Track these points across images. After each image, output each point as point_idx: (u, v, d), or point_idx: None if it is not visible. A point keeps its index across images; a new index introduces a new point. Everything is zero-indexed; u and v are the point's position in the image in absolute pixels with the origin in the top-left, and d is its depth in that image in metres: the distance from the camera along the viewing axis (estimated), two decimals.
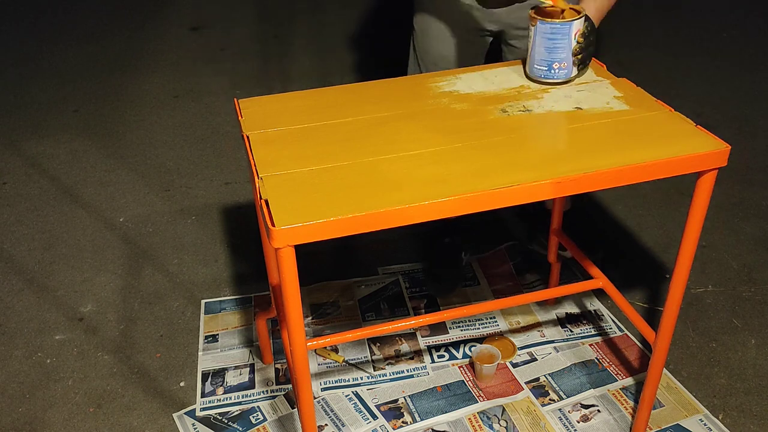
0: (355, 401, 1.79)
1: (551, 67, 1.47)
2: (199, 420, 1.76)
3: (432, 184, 1.17)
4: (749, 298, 2.10)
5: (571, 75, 1.49)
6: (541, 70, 1.48)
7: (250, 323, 2.05)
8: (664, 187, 2.59)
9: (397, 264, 2.26)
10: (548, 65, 1.47)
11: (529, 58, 1.51)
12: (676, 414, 1.74)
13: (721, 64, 3.55)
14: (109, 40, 4.04)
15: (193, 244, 2.39)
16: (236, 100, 1.48)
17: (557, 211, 1.88)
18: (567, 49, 1.45)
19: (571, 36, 1.43)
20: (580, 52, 1.45)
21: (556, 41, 1.44)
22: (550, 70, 1.47)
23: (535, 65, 1.49)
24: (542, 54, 1.46)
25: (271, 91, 2.70)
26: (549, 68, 1.47)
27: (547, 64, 1.47)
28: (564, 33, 1.43)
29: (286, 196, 1.15)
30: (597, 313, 2.06)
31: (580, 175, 1.18)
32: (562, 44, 1.44)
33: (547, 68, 1.47)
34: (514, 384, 1.83)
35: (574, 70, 1.48)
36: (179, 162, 2.87)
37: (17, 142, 3.04)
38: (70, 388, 1.86)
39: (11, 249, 2.39)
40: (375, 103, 1.45)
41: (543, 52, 1.46)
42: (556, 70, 1.47)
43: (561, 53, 1.45)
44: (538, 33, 1.45)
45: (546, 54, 1.46)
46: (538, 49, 1.46)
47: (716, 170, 1.26)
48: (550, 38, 1.44)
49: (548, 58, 1.46)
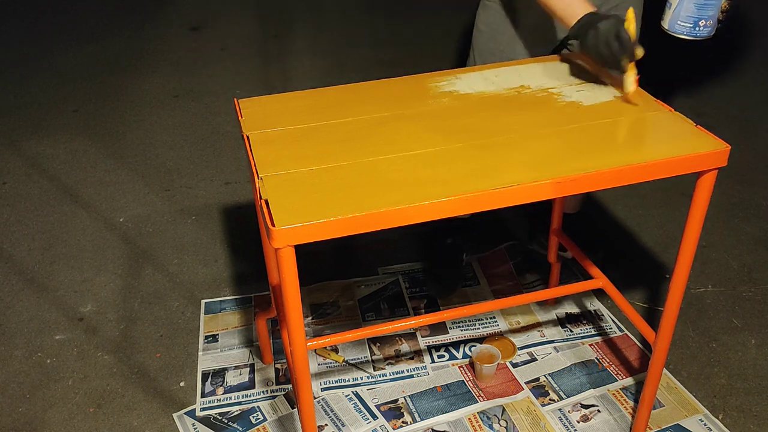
0: (355, 401, 1.79)
1: (697, 24, 1.42)
2: (199, 420, 1.76)
3: (432, 184, 1.17)
4: (749, 298, 2.10)
5: (712, 33, 1.44)
6: (685, 26, 1.43)
7: (250, 323, 2.05)
8: (664, 187, 2.59)
9: (397, 264, 2.26)
10: (694, 22, 1.42)
11: (671, 12, 1.44)
12: (676, 414, 1.74)
13: (722, 65, 3.55)
14: (109, 40, 4.04)
15: (193, 244, 2.39)
16: (236, 100, 1.48)
17: (557, 211, 1.88)
18: (716, 7, 1.40)
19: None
20: (728, 9, 1.41)
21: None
22: (695, 27, 1.43)
23: (679, 21, 1.43)
24: (690, 10, 1.41)
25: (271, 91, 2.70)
26: (695, 25, 1.42)
27: (693, 21, 1.42)
28: None
29: (286, 196, 1.15)
30: (597, 313, 2.06)
31: (580, 175, 1.18)
32: (713, 1, 1.39)
33: (692, 25, 1.43)
34: (514, 384, 1.83)
35: (714, 28, 1.43)
36: (179, 162, 2.87)
37: (17, 142, 3.04)
38: (70, 388, 1.86)
39: (11, 249, 2.39)
40: (375, 103, 1.45)
41: (692, 8, 1.41)
42: (701, 27, 1.42)
43: (710, 10, 1.40)
44: None
45: (695, 10, 1.41)
46: (687, 4, 1.41)
47: (716, 170, 1.26)
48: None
49: (696, 15, 1.41)
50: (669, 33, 1.47)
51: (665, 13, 1.47)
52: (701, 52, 3.66)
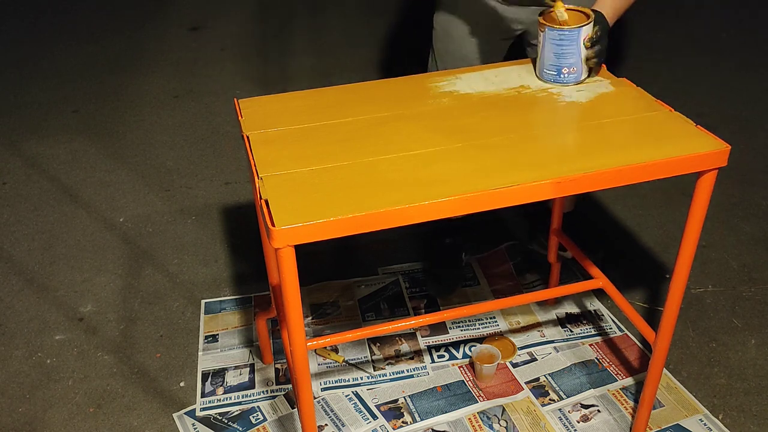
0: (355, 401, 1.79)
1: (560, 71, 1.47)
2: (199, 420, 1.76)
3: (432, 184, 1.17)
4: (749, 298, 2.10)
5: (581, 78, 1.49)
6: (551, 74, 1.49)
7: (250, 323, 2.05)
8: (664, 187, 2.59)
9: (397, 264, 2.26)
10: (557, 70, 1.47)
11: (539, 62, 1.51)
12: (676, 414, 1.74)
13: (721, 64, 3.55)
14: (109, 40, 4.04)
15: (193, 244, 2.39)
16: (236, 100, 1.48)
17: (557, 211, 1.88)
18: (576, 55, 1.44)
19: (580, 42, 1.43)
20: (590, 57, 1.45)
21: (564, 47, 1.44)
22: (559, 74, 1.48)
23: (545, 69, 1.49)
24: (551, 59, 1.47)
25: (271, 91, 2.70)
26: (558, 73, 1.47)
27: (556, 69, 1.47)
28: (572, 39, 1.43)
29: (286, 196, 1.15)
30: (597, 313, 2.06)
31: (580, 175, 1.18)
32: (570, 50, 1.44)
33: (556, 73, 1.48)
34: (514, 384, 1.83)
35: (584, 73, 1.48)
36: (179, 162, 2.87)
37: (17, 142, 3.04)
38: (70, 388, 1.86)
39: (11, 249, 2.39)
40: (375, 103, 1.45)
41: (552, 57, 1.46)
42: (565, 74, 1.47)
43: (570, 58, 1.45)
44: (546, 39, 1.46)
45: (555, 59, 1.46)
46: (548, 54, 1.47)
47: (716, 170, 1.26)
48: (558, 44, 1.44)
49: (557, 63, 1.46)
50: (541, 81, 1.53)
51: (536, 63, 1.54)
52: (702, 53, 3.67)
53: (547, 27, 1.45)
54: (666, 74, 3.45)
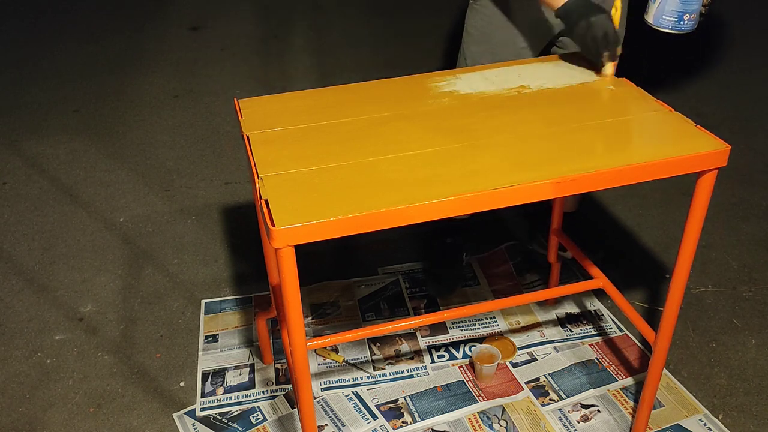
0: (355, 401, 1.79)
1: (681, 18, 1.44)
2: (199, 420, 1.76)
3: (432, 184, 1.17)
4: (749, 298, 2.10)
5: (695, 27, 1.46)
6: (670, 21, 1.45)
7: (250, 323, 2.05)
8: (664, 187, 2.59)
9: (397, 264, 2.26)
10: (679, 16, 1.44)
11: (655, 7, 1.46)
12: (676, 414, 1.74)
13: (721, 64, 3.55)
14: (109, 40, 4.04)
15: (193, 244, 2.39)
16: (236, 100, 1.48)
17: (557, 211, 1.88)
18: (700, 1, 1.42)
19: None
20: (710, 2, 1.44)
21: None
22: (680, 21, 1.45)
23: (664, 15, 1.45)
24: (676, 4, 1.43)
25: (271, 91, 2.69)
26: (679, 19, 1.44)
27: (678, 15, 1.44)
28: None
29: (286, 196, 1.15)
30: (597, 313, 2.06)
31: (580, 175, 1.18)
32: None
33: (677, 19, 1.44)
34: (514, 384, 1.83)
35: (697, 22, 1.46)
36: (179, 162, 2.87)
37: (17, 142, 3.04)
38: (70, 388, 1.86)
39: (11, 249, 2.39)
40: (375, 103, 1.45)
41: (677, 2, 1.43)
42: (685, 21, 1.44)
43: (694, 4, 1.42)
44: None
45: (680, 5, 1.43)
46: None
47: (716, 170, 1.26)
48: None
49: (680, 9, 1.43)
50: (653, 27, 1.49)
51: (649, 7, 1.49)
52: (701, 53, 3.67)
53: None
54: (666, 74, 3.45)
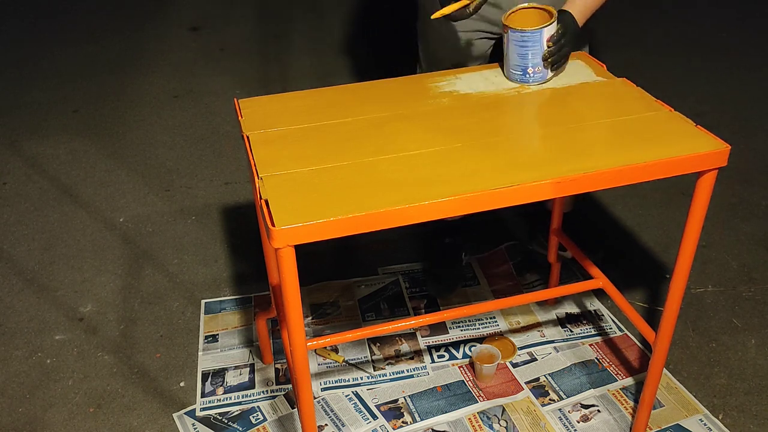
0: (355, 401, 1.79)
1: (525, 71, 1.50)
2: (199, 420, 1.76)
3: (432, 184, 1.17)
4: (749, 298, 2.10)
5: (546, 77, 1.51)
6: (516, 74, 1.51)
7: (250, 323, 2.05)
8: (664, 187, 2.59)
9: (397, 264, 2.26)
10: (522, 70, 1.50)
11: (505, 63, 1.54)
12: (676, 414, 1.74)
13: (721, 64, 3.55)
14: (109, 40, 4.04)
15: (193, 244, 2.39)
16: (236, 100, 1.48)
17: (557, 211, 1.88)
18: (538, 54, 1.47)
19: (543, 42, 1.46)
20: (550, 56, 1.47)
21: (528, 48, 1.46)
22: (524, 74, 1.50)
23: (510, 70, 1.52)
24: (516, 60, 1.49)
25: (271, 91, 2.70)
26: (524, 73, 1.50)
27: (521, 69, 1.50)
28: (535, 40, 1.45)
29: (286, 196, 1.15)
30: (597, 314, 2.06)
31: (580, 175, 1.18)
32: (534, 50, 1.46)
33: (522, 73, 1.50)
34: (514, 384, 1.83)
35: (548, 72, 1.51)
36: (179, 162, 2.87)
37: (17, 142, 3.04)
38: (70, 388, 1.86)
39: (11, 249, 2.39)
40: (375, 103, 1.45)
41: (516, 58, 1.49)
42: (531, 74, 1.50)
43: (534, 58, 1.48)
44: (510, 40, 1.48)
45: (519, 60, 1.49)
46: (512, 55, 1.50)
47: (716, 170, 1.26)
48: (522, 45, 1.46)
49: (522, 64, 1.49)
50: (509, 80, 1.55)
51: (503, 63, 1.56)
52: (701, 52, 3.67)
53: (509, 29, 1.47)
54: (666, 74, 3.45)
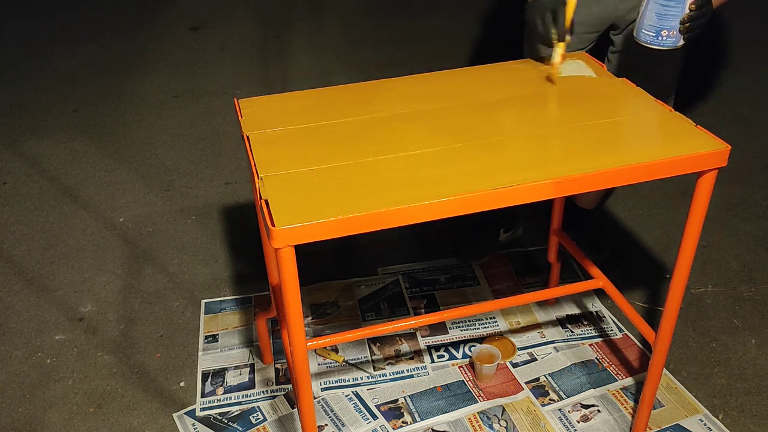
0: (355, 401, 1.79)
1: (659, 33, 1.44)
2: (199, 420, 1.76)
3: (432, 184, 1.17)
4: (749, 298, 2.10)
5: (678, 44, 1.45)
6: (648, 35, 1.46)
7: (250, 323, 2.05)
8: (664, 187, 2.59)
9: (397, 264, 2.26)
10: (656, 31, 1.44)
11: (638, 21, 1.48)
12: (676, 414, 1.74)
13: (721, 64, 3.55)
14: (109, 40, 4.04)
15: (193, 244, 2.39)
16: (236, 100, 1.48)
17: (557, 211, 1.88)
18: (678, 17, 1.42)
19: (685, 4, 1.40)
20: (688, 21, 1.41)
21: (668, 8, 1.41)
22: (657, 36, 1.45)
23: (643, 30, 1.46)
24: (652, 19, 1.44)
25: (271, 91, 2.70)
26: (657, 35, 1.45)
27: (655, 30, 1.44)
28: (678, 1, 1.40)
29: (286, 196, 1.15)
30: (598, 314, 2.06)
31: (580, 175, 1.18)
32: (674, 11, 1.41)
33: (655, 34, 1.45)
34: (514, 384, 1.83)
35: (680, 39, 1.45)
36: (179, 162, 2.87)
37: (17, 142, 3.04)
38: (70, 388, 1.86)
39: (11, 249, 2.39)
40: (375, 103, 1.45)
41: (653, 17, 1.43)
42: (663, 37, 1.44)
43: (671, 21, 1.42)
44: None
45: (656, 20, 1.43)
46: (649, 14, 1.44)
47: (716, 170, 1.26)
48: (663, 4, 1.41)
49: (657, 25, 1.43)
50: (636, 41, 1.51)
51: (635, 23, 1.51)
52: (701, 53, 3.67)
53: None
54: None
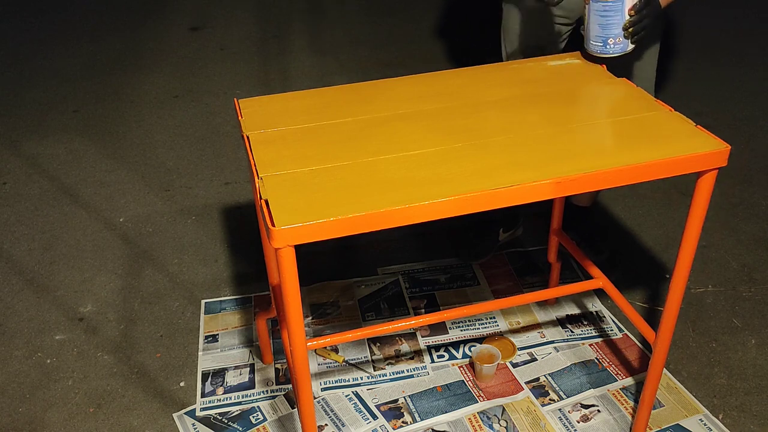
0: (355, 401, 1.79)
1: (606, 42, 1.48)
2: (199, 420, 1.76)
3: (432, 184, 1.17)
4: (749, 298, 2.10)
5: (627, 49, 1.49)
6: (597, 45, 1.50)
7: (250, 323, 2.05)
8: (664, 187, 2.59)
9: (397, 264, 2.26)
10: (603, 41, 1.48)
11: (585, 34, 1.52)
12: (676, 414, 1.74)
13: (721, 64, 3.55)
14: (109, 40, 4.04)
15: (193, 244, 2.39)
16: (236, 100, 1.48)
17: (557, 211, 1.88)
18: (619, 25, 1.45)
19: (624, 11, 1.44)
20: (630, 26, 1.45)
21: (609, 17, 1.44)
22: (605, 45, 1.49)
23: (591, 41, 1.51)
24: (596, 30, 1.48)
25: (271, 91, 2.70)
26: (604, 44, 1.48)
27: (602, 40, 1.48)
28: (617, 9, 1.44)
29: (286, 196, 1.15)
30: (598, 314, 2.06)
31: (580, 175, 1.18)
32: (615, 20, 1.45)
33: (602, 44, 1.49)
34: (514, 384, 1.83)
35: (629, 44, 1.49)
36: (179, 162, 2.87)
37: (17, 142, 3.04)
38: (70, 388, 1.86)
39: (11, 249, 2.39)
40: (375, 103, 1.45)
41: (597, 28, 1.47)
42: (611, 45, 1.48)
43: (614, 29, 1.46)
44: (591, 10, 1.47)
45: (599, 30, 1.47)
46: (593, 25, 1.48)
47: (716, 170, 1.26)
48: (603, 15, 1.45)
49: (602, 34, 1.47)
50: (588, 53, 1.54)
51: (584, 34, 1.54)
52: (701, 53, 3.67)
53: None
54: (666, 74, 3.45)
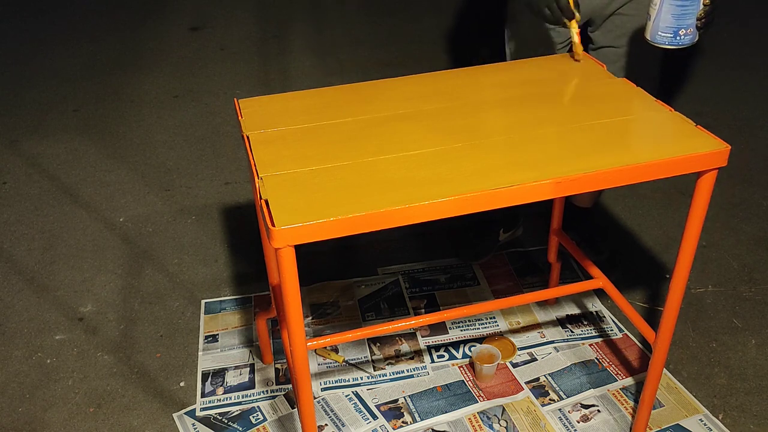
0: (355, 401, 1.79)
1: (677, 33, 1.43)
2: (199, 420, 1.76)
3: (432, 184, 1.17)
4: (749, 298, 2.10)
5: (694, 40, 1.45)
6: (665, 37, 1.44)
7: (250, 323, 2.05)
8: (664, 187, 2.59)
9: (397, 264, 2.26)
10: (674, 32, 1.43)
11: (651, 24, 1.46)
12: (676, 414, 1.74)
13: (721, 64, 3.55)
14: (109, 40, 4.04)
15: (193, 244, 2.39)
16: (236, 100, 1.48)
17: (557, 211, 1.88)
18: (694, 15, 1.40)
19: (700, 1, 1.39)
20: (704, 15, 1.40)
21: (686, 7, 1.39)
22: (675, 36, 1.44)
23: (659, 33, 1.45)
24: (668, 21, 1.42)
25: (271, 91, 2.70)
26: (675, 35, 1.43)
27: (672, 31, 1.43)
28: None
29: (286, 196, 1.15)
30: (598, 314, 2.06)
31: (580, 175, 1.18)
32: (691, 9, 1.40)
33: (672, 35, 1.43)
34: (514, 384, 1.83)
35: (697, 35, 1.44)
36: (179, 162, 2.87)
37: (17, 142, 3.04)
38: (70, 388, 1.86)
39: (11, 249, 2.39)
40: (375, 103, 1.45)
41: (669, 18, 1.42)
42: (681, 36, 1.43)
43: (688, 19, 1.41)
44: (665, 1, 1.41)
45: (672, 21, 1.42)
46: (664, 15, 1.42)
47: (716, 170, 1.26)
48: (680, 5, 1.39)
49: (674, 25, 1.42)
50: (652, 44, 1.49)
51: (647, 25, 1.48)
52: (701, 53, 3.67)
53: None
54: (666, 74, 3.45)
